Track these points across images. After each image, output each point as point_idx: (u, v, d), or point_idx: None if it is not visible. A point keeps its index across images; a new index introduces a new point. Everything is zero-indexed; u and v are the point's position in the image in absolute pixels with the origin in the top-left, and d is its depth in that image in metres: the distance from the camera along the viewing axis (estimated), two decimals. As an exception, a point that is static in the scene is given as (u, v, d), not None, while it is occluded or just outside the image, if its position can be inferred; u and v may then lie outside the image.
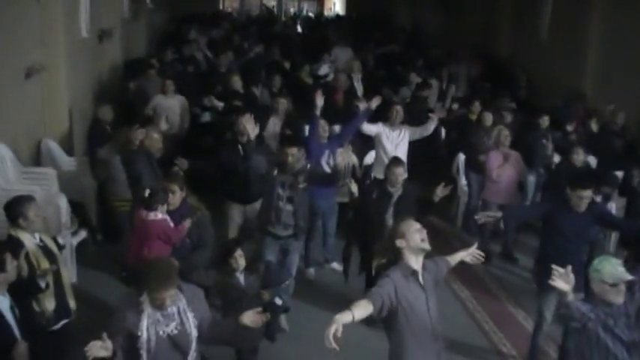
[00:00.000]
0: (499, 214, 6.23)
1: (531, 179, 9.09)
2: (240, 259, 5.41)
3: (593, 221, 6.00)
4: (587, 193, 5.79)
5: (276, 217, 6.50)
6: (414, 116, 8.99)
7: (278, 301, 6.04)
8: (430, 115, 8.68)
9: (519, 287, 7.91)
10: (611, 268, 4.19)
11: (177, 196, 5.81)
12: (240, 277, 5.46)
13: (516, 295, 7.71)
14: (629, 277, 4.17)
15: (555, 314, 4.86)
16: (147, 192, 5.60)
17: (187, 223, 5.69)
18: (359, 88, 11.65)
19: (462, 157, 9.59)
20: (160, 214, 5.60)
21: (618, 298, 4.18)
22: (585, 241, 6.24)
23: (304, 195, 6.67)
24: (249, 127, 6.54)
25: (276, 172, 6.49)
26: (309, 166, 7.04)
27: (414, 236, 4.19)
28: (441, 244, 8.78)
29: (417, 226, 4.23)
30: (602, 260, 4.29)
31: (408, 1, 23.79)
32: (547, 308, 5.97)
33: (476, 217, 6.18)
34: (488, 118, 9.17)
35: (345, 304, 6.76)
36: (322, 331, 6.30)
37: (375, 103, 8.09)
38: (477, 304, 7.48)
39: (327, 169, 7.51)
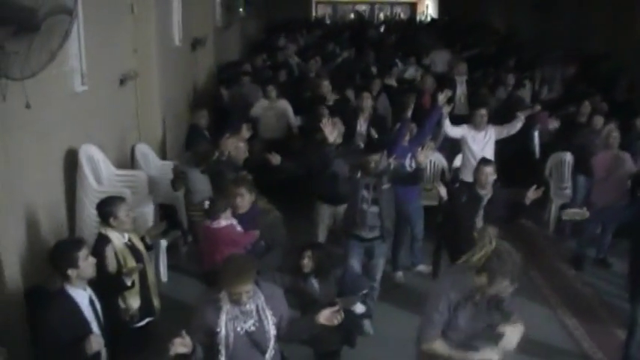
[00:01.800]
0: (586, 213, 5.95)
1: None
2: (307, 261, 5.37)
3: None
4: None
5: (361, 219, 6.44)
6: (511, 116, 8.76)
7: (358, 309, 6.00)
8: (517, 113, 8.47)
9: (612, 294, 7.59)
10: None
11: (245, 199, 5.81)
12: (315, 283, 5.43)
13: (609, 303, 7.41)
14: None
15: None
16: (206, 203, 5.64)
17: (256, 234, 5.69)
18: (463, 91, 11.47)
19: (564, 158, 9.32)
20: (223, 222, 5.61)
21: None
22: None
23: (389, 196, 6.58)
24: (327, 131, 6.52)
25: (359, 174, 6.46)
26: (392, 166, 6.98)
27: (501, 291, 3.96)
28: (532, 248, 8.64)
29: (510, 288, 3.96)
30: None
31: (502, 3, 23.36)
32: None
33: (563, 217, 5.91)
34: (599, 121, 8.83)
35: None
36: (408, 335, 6.29)
37: (443, 98, 7.93)
38: (567, 310, 7.20)
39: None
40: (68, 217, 6.24)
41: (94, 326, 4.20)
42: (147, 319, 5.10)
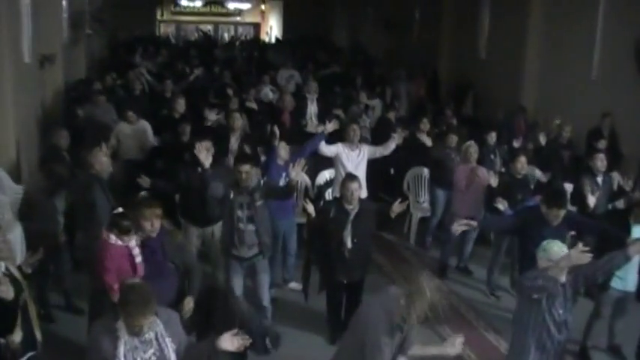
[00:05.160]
0: (474, 223, 6.33)
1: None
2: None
3: (568, 229, 6.18)
4: (563, 212, 5.99)
5: (239, 239, 6.47)
6: (383, 138, 9.04)
7: None
8: (392, 135, 8.76)
9: (476, 299, 8.03)
10: (558, 248, 4.79)
11: (159, 221, 5.48)
12: None
13: (475, 308, 7.80)
14: None
15: (528, 284, 4.93)
16: (118, 210, 5.37)
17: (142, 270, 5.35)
18: (314, 109, 11.71)
19: (421, 173, 9.74)
20: (133, 241, 5.33)
21: (561, 276, 4.70)
22: None
23: (264, 212, 6.65)
24: (202, 156, 6.50)
25: (232, 194, 6.44)
26: (262, 182, 7.03)
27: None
28: (397, 260, 8.94)
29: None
30: (550, 242, 4.88)
31: (346, 23, 24.14)
32: None
33: (452, 228, 6.23)
34: (454, 139, 9.25)
35: (307, 323, 6.82)
36: (285, 352, 6.29)
37: (331, 127, 8.25)
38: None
39: None
40: None
41: None
42: (29, 354, 4.75)
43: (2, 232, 4.68)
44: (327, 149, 8.33)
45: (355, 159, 8.36)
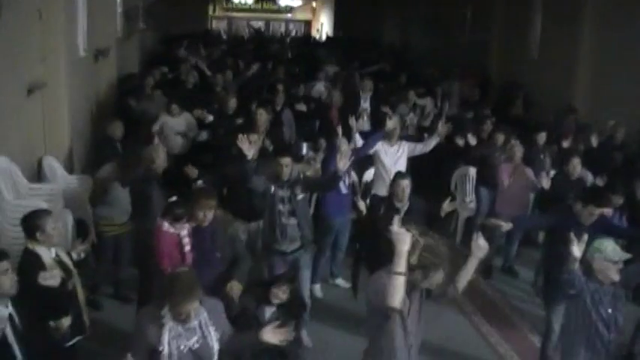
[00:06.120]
0: (509, 224, 6.27)
1: (530, 195, 9.11)
2: (282, 293, 5.18)
3: (601, 233, 6.04)
4: (599, 211, 5.92)
5: (282, 233, 6.44)
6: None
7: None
8: (438, 130, 8.68)
9: (521, 300, 7.96)
10: (613, 247, 4.77)
11: (213, 212, 5.62)
12: (267, 312, 5.18)
13: (519, 308, 7.74)
14: (629, 255, 4.79)
15: (561, 278, 4.94)
16: (173, 198, 5.48)
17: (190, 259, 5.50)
18: (367, 107, 11.67)
19: (467, 172, 9.65)
20: (185, 230, 5.47)
21: (616, 275, 4.73)
22: None
23: (305, 205, 6.66)
24: (244, 147, 6.46)
25: (273, 188, 6.44)
26: (301, 175, 7.02)
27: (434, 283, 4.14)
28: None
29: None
30: (603, 241, 4.84)
31: (396, 21, 24.04)
32: (556, 320, 5.98)
33: (485, 222, 6.19)
34: (501, 137, 9.18)
35: (354, 320, 6.84)
36: (331, 348, 6.32)
37: (392, 125, 8.21)
38: (481, 317, 7.46)
39: (344, 189, 7.51)
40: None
41: (15, 348, 3.99)
42: (77, 338, 4.86)
43: (54, 220, 4.77)
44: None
45: (394, 155, 8.30)
